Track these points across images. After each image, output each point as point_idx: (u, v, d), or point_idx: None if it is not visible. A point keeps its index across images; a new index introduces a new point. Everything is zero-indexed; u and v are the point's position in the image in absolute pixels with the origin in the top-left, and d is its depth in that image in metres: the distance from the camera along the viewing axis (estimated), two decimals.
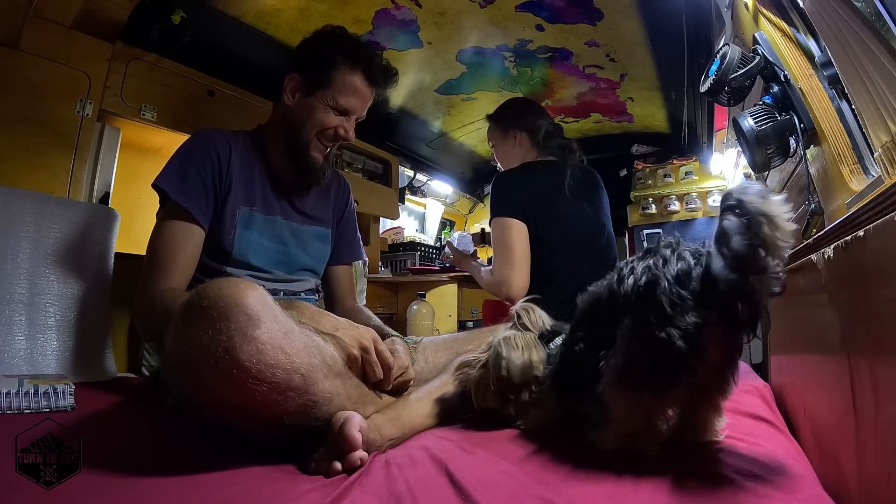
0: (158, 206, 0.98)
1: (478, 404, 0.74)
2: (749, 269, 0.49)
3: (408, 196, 2.71)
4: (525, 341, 0.73)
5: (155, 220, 0.97)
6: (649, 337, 0.51)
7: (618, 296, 0.57)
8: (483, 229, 1.92)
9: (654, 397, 0.55)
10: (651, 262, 0.55)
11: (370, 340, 0.74)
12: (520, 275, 1.35)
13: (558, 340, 0.72)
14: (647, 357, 0.52)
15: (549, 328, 0.76)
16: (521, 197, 1.39)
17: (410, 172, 2.67)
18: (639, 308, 0.54)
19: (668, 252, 0.55)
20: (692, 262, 0.53)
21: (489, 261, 1.83)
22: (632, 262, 0.58)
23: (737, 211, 0.49)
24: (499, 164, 1.59)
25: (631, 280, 0.56)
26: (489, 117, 1.59)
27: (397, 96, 2.08)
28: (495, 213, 1.41)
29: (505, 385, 0.72)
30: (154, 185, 0.95)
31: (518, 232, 1.37)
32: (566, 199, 1.40)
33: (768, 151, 0.91)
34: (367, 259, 1.95)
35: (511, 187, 1.41)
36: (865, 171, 0.71)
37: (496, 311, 1.83)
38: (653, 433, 0.58)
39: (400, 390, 0.80)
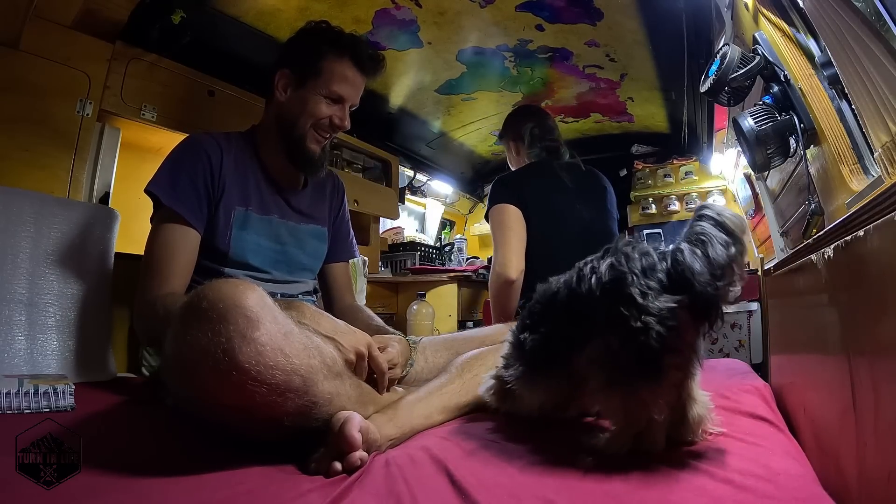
0: (153, 211, 0.97)
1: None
2: (724, 277, 0.54)
3: (408, 196, 2.71)
4: None
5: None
6: (625, 329, 0.53)
7: (578, 293, 0.58)
8: None
9: (649, 387, 0.56)
10: (613, 260, 0.57)
11: (366, 346, 0.76)
12: (516, 256, 1.39)
13: None
14: (628, 349, 0.53)
15: None
16: (518, 188, 1.46)
17: (410, 172, 2.67)
18: (608, 304, 0.55)
19: (629, 249, 0.57)
20: (656, 259, 0.56)
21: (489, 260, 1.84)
22: (591, 261, 0.60)
23: (721, 225, 0.55)
24: None
25: (594, 278, 0.57)
26: (502, 129, 1.70)
27: (397, 96, 2.07)
28: (492, 203, 1.48)
29: None
30: (146, 191, 0.94)
31: (513, 215, 1.43)
32: (560, 199, 1.46)
33: (768, 151, 0.91)
34: (366, 259, 1.95)
35: (509, 182, 1.50)
36: (865, 171, 0.71)
37: None
38: (656, 428, 0.58)
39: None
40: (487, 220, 1.51)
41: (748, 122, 0.91)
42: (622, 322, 0.53)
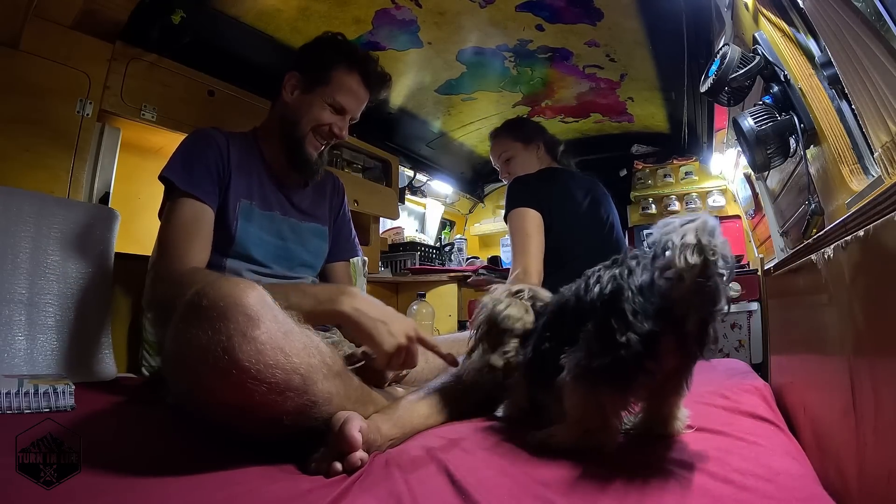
0: (163, 200, 0.98)
1: (476, 343, 0.78)
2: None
3: (408, 196, 2.71)
4: (510, 299, 0.77)
5: (156, 220, 0.97)
6: (610, 339, 0.54)
7: (584, 302, 0.60)
8: None
9: (611, 395, 0.58)
10: (617, 272, 0.58)
11: (414, 331, 0.77)
12: (535, 262, 1.42)
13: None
14: (606, 356, 0.55)
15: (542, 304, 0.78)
16: (539, 192, 1.49)
17: (410, 172, 2.67)
18: (603, 313, 0.57)
19: (633, 263, 0.58)
20: (656, 275, 0.56)
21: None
22: (598, 271, 0.61)
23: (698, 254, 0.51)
24: (507, 176, 1.67)
25: (597, 288, 0.59)
26: (503, 131, 1.69)
27: (397, 96, 2.07)
28: (512, 206, 1.49)
29: (491, 329, 0.76)
30: (161, 177, 0.95)
31: (533, 220, 1.45)
32: (580, 200, 1.55)
33: (768, 151, 0.91)
34: (366, 259, 1.95)
35: (530, 184, 1.52)
36: (865, 171, 0.72)
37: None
38: (609, 431, 0.59)
39: (395, 381, 0.85)
40: (506, 221, 1.53)
41: (748, 122, 0.91)
42: (609, 333, 0.55)
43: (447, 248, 2.85)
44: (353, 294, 0.78)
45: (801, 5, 0.85)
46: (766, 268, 1.67)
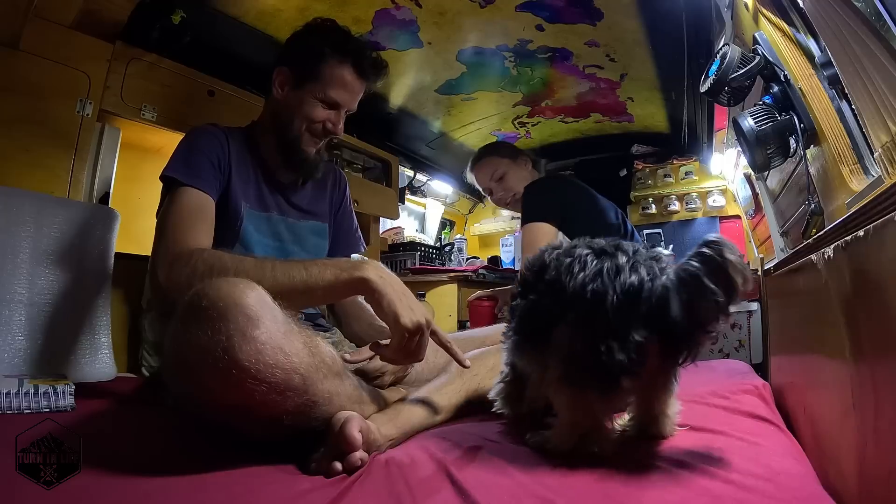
0: (161, 199, 0.95)
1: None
2: (701, 326, 0.53)
3: (408, 196, 2.71)
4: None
5: (154, 220, 0.96)
6: (592, 343, 0.53)
7: (564, 287, 0.57)
8: None
9: (599, 395, 0.57)
10: (605, 266, 0.55)
11: (430, 320, 0.74)
12: None
13: None
14: (587, 359, 0.54)
15: None
16: (559, 198, 1.59)
17: (410, 172, 2.67)
18: (584, 310, 0.54)
19: (623, 260, 0.55)
20: (645, 278, 0.54)
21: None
22: (586, 255, 0.58)
23: (716, 271, 0.51)
24: (503, 194, 1.75)
25: (581, 276, 0.55)
26: (488, 153, 1.79)
27: (397, 96, 2.07)
28: (530, 218, 1.58)
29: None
30: (163, 177, 0.92)
31: (546, 233, 1.55)
32: (593, 194, 1.69)
33: (768, 151, 0.91)
34: (366, 259, 1.95)
35: (549, 191, 1.62)
36: (865, 171, 0.72)
37: (481, 312, 1.91)
38: (603, 433, 0.58)
39: (395, 382, 0.84)
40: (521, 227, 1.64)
41: (748, 122, 0.91)
42: (591, 333, 0.53)
43: (447, 248, 2.85)
44: (376, 264, 0.75)
45: (801, 5, 0.85)
46: (766, 268, 1.67)
